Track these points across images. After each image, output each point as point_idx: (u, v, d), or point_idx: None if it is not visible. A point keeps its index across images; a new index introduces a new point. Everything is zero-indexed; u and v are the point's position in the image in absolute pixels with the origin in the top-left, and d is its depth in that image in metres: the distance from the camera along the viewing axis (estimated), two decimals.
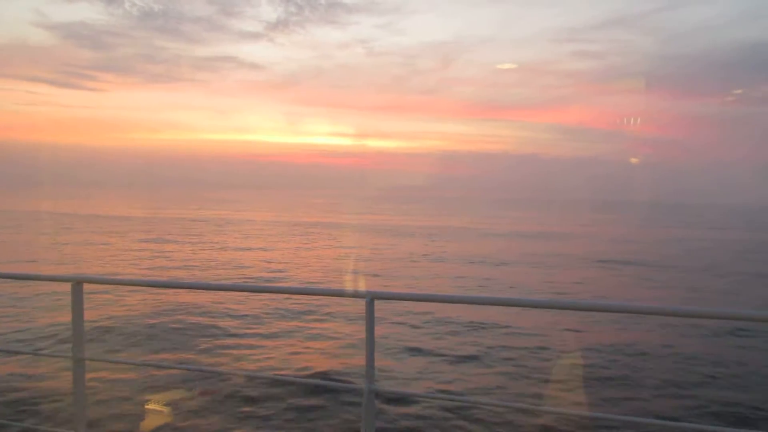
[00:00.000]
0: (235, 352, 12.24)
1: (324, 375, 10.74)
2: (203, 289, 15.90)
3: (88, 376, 3.67)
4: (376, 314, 3.04)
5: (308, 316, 15.42)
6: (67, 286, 3.52)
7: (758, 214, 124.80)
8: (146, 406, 8.94)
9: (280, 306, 16.36)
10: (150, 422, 8.73)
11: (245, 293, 17.87)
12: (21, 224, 48.49)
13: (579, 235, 52.03)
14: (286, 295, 17.38)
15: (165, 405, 8.99)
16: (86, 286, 3.61)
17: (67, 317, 3.65)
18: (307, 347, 12.68)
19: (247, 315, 15.46)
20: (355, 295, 3.23)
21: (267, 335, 13.53)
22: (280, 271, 25.84)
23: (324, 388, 9.76)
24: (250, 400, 9.20)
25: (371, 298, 3.01)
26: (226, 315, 15.41)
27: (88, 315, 3.68)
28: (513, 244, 42.01)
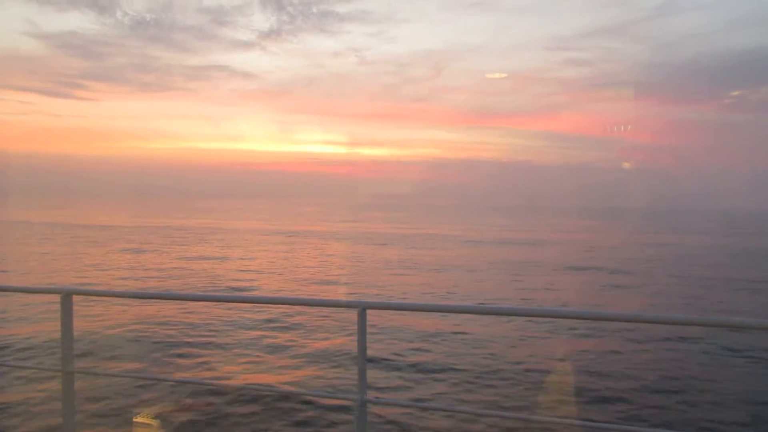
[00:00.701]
0: (225, 364, 12.15)
1: (316, 386, 10.70)
2: (195, 300, 15.78)
3: (77, 388, 3.62)
4: (368, 324, 3.00)
5: (300, 327, 15.34)
6: (56, 298, 3.46)
7: (747, 219, 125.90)
8: (135, 419, 8.85)
9: (271, 317, 16.26)
10: None
11: (236, 304, 17.74)
12: (2, 234, 48.04)
13: (559, 242, 52.33)
14: (278, 306, 17.30)
15: (155, 418, 8.91)
16: (75, 298, 3.56)
17: (55, 329, 3.58)
18: (299, 359, 12.60)
19: (237, 326, 15.37)
20: (347, 305, 3.20)
21: (257, 346, 13.42)
22: (250, 280, 25.73)
23: (316, 399, 9.70)
24: (241, 413, 9.13)
25: (363, 308, 2.96)
26: (216, 326, 15.29)
27: (77, 327, 3.63)
28: (487, 251, 42.30)
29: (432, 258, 36.86)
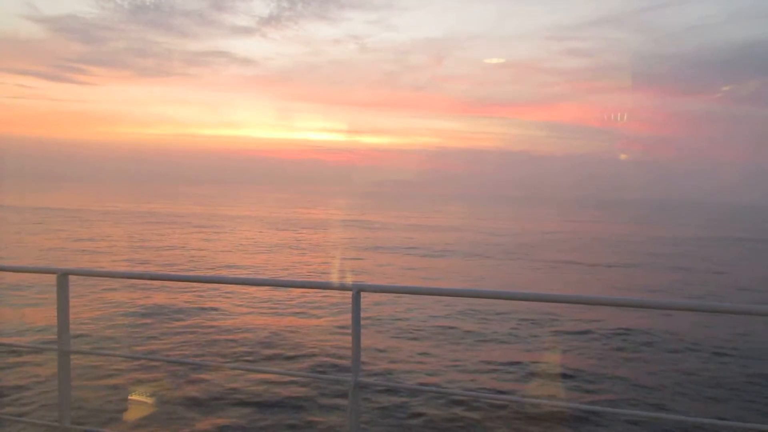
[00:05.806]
0: (220, 344, 12.22)
1: (310, 367, 10.85)
2: (190, 281, 15.67)
3: (73, 368, 3.65)
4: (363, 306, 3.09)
5: (294, 309, 15.55)
6: (52, 278, 3.46)
7: (741, 213, 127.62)
8: (130, 398, 8.88)
9: (265, 298, 16.41)
10: (134, 414, 8.68)
11: (230, 285, 17.67)
12: None
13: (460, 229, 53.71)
14: (272, 288, 17.36)
15: (149, 396, 8.95)
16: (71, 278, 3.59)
17: (52, 309, 3.60)
18: (293, 340, 12.73)
19: (231, 307, 15.44)
20: (342, 287, 3.29)
21: (253, 328, 13.52)
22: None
23: (310, 380, 9.83)
24: (236, 393, 9.23)
25: (357, 290, 3.03)
26: (211, 307, 15.38)
27: (73, 307, 3.66)
28: (401, 235, 44.41)
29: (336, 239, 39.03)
